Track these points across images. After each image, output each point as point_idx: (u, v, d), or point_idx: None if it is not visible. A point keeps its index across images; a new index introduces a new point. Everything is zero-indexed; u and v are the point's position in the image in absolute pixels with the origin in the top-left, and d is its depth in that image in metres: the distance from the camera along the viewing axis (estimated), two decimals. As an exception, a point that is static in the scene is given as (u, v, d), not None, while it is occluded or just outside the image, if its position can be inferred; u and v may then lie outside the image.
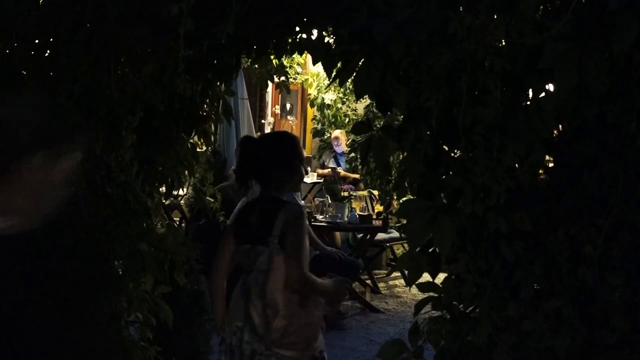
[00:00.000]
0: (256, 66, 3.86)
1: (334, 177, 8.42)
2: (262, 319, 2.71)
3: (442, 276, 2.24)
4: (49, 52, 2.88)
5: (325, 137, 9.32)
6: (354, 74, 2.32)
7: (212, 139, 3.54)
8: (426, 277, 2.29)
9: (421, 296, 2.27)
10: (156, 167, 3.20)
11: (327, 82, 8.26)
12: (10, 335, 1.59)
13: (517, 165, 2.08)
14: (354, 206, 6.98)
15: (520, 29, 1.93)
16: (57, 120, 1.78)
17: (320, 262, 5.55)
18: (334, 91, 8.91)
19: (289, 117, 10.57)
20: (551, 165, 2.28)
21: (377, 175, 6.71)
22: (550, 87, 2.07)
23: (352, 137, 8.12)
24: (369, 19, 2.02)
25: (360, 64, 2.29)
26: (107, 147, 2.85)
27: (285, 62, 4.39)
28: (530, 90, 2.11)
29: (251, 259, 2.76)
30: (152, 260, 2.91)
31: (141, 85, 2.86)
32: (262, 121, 9.91)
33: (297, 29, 2.73)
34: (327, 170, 8.69)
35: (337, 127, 9.04)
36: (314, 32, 2.67)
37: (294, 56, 6.08)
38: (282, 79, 4.19)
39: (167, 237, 3.02)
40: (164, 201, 3.66)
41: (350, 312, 6.22)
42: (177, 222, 7.10)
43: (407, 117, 2.29)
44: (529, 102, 2.11)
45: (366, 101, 7.40)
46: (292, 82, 8.20)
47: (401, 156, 2.32)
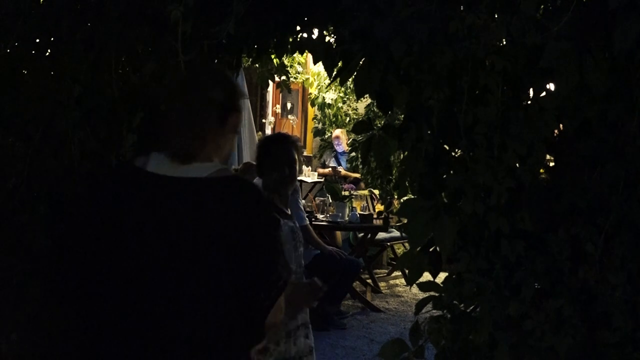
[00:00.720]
0: (257, 65, 3.86)
1: (335, 177, 8.41)
2: None
3: (442, 275, 2.24)
4: (49, 51, 2.88)
5: (326, 136, 9.31)
6: (355, 73, 2.32)
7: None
8: (427, 276, 2.29)
9: (422, 295, 2.27)
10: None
11: (327, 81, 8.25)
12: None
13: (518, 164, 2.07)
14: (354, 205, 6.98)
15: (521, 28, 1.93)
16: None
17: (321, 262, 5.56)
18: (335, 90, 8.91)
19: (289, 116, 10.56)
20: (552, 164, 2.28)
21: (378, 174, 6.71)
22: (551, 86, 2.07)
23: (352, 136, 8.10)
24: (369, 18, 2.02)
25: (361, 63, 2.29)
26: (107, 146, 2.85)
27: (286, 62, 4.38)
28: (531, 89, 2.11)
29: None
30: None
31: (142, 84, 2.86)
32: (263, 120, 9.89)
33: (298, 28, 2.73)
34: (328, 169, 8.68)
35: (337, 127, 9.03)
36: (315, 31, 2.66)
37: (295, 55, 6.09)
38: (283, 78, 4.18)
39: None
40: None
41: (351, 312, 6.22)
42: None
43: (407, 116, 2.29)
44: (529, 102, 2.11)
45: (367, 100, 7.40)
46: (293, 82, 8.20)
47: (402, 155, 2.32)
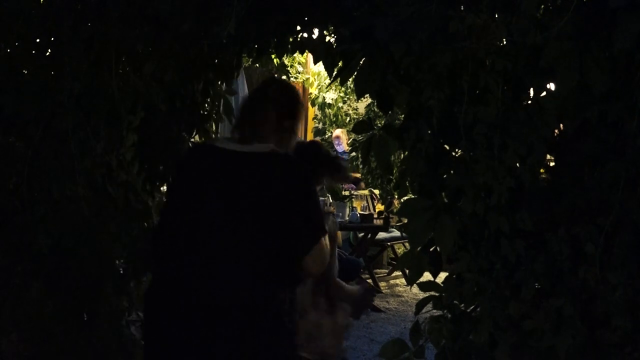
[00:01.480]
0: (257, 65, 3.86)
1: (335, 176, 8.39)
2: None
3: (443, 275, 2.24)
4: (50, 51, 2.88)
5: (326, 136, 9.31)
6: (355, 73, 2.32)
7: (213, 138, 3.54)
8: (427, 276, 2.29)
9: (422, 295, 2.26)
10: (157, 167, 3.21)
11: (328, 81, 8.25)
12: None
13: (518, 164, 2.07)
14: (355, 205, 6.98)
15: (521, 28, 1.93)
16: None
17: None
18: (335, 90, 8.90)
19: (290, 116, 10.56)
20: (552, 164, 2.28)
21: (378, 174, 6.71)
22: (551, 86, 2.07)
23: (353, 136, 8.09)
24: (370, 18, 2.02)
25: (361, 63, 2.29)
26: (108, 146, 2.85)
27: (286, 62, 4.39)
28: (531, 89, 2.11)
29: None
30: (153, 259, 2.90)
31: (142, 84, 2.86)
32: (263, 120, 9.90)
33: (298, 28, 2.73)
34: (328, 169, 8.67)
35: (338, 126, 9.03)
36: (315, 31, 2.66)
37: (295, 55, 6.09)
38: (284, 78, 4.19)
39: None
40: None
41: (351, 311, 6.21)
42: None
43: (408, 116, 2.29)
44: (530, 101, 2.11)
45: (367, 100, 7.39)
46: (293, 81, 8.20)
47: (402, 155, 2.32)
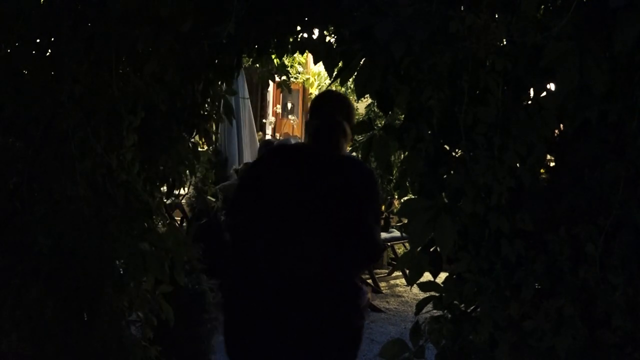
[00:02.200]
0: (257, 65, 3.86)
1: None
2: None
3: (443, 275, 2.24)
4: (50, 51, 2.88)
5: (326, 136, 9.29)
6: (355, 74, 2.32)
7: (214, 138, 3.54)
8: (427, 276, 2.29)
9: (422, 295, 2.26)
10: (157, 167, 3.21)
11: (328, 81, 8.25)
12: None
13: (518, 164, 2.07)
14: (355, 205, 6.95)
15: (521, 28, 1.93)
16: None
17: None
18: (336, 90, 8.90)
19: (290, 116, 10.56)
20: (552, 164, 2.28)
21: (378, 174, 6.70)
22: (551, 86, 2.07)
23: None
24: (370, 18, 2.02)
25: (361, 63, 2.29)
26: (108, 146, 2.85)
27: (286, 62, 4.38)
28: (531, 89, 2.11)
29: None
30: (154, 259, 2.90)
31: (142, 84, 2.86)
32: (264, 120, 9.90)
33: (299, 29, 2.73)
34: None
35: (338, 126, 9.02)
36: (315, 31, 2.67)
37: (295, 55, 6.08)
38: (284, 78, 4.18)
39: (168, 236, 3.02)
40: (165, 200, 3.66)
41: (351, 312, 6.20)
42: (179, 222, 7.09)
43: (408, 116, 2.29)
44: (530, 102, 2.11)
45: (367, 100, 7.38)
46: (294, 82, 8.21)
47: (402, 155, 2.32)
